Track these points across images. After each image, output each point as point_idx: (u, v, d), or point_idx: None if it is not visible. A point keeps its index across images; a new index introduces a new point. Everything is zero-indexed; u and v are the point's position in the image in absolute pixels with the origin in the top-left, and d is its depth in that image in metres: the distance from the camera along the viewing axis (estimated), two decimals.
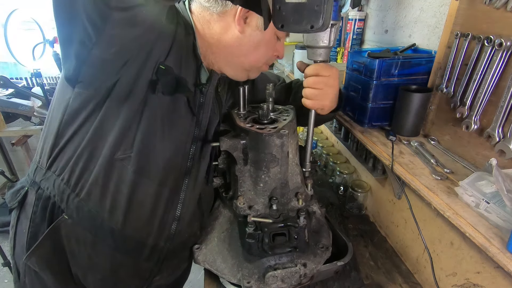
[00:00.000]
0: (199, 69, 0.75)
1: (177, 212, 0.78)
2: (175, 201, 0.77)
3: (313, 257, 0.83)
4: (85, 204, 0.70)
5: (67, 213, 0.71)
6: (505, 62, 0.68)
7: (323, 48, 0.72)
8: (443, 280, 0.84)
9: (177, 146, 0.74)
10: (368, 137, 0.97)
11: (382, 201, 1.14)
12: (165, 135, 0.71)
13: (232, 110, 0.90)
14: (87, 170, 0.69)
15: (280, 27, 0.52)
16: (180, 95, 0.71)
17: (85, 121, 0.67)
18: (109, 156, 0.67)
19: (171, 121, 0.71)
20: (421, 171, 0.78)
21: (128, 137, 0.67)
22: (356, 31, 1.42)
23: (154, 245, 0.77)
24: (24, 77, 2.33)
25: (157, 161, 0.71)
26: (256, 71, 0.84)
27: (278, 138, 0.75)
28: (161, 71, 0.65)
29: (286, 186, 0.81)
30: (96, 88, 0.64)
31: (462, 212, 0.65)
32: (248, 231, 0.77)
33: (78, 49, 0.57)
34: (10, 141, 2.29)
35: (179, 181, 0.77)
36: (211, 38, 0.74)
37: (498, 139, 0.70)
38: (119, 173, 0.69)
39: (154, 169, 0.71)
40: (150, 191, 0.72)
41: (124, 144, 0.67)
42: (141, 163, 0.69)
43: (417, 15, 1.08)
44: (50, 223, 0.72)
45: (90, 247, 0.74)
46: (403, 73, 0.95)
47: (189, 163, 0.77)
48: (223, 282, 0.84)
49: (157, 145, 0.70)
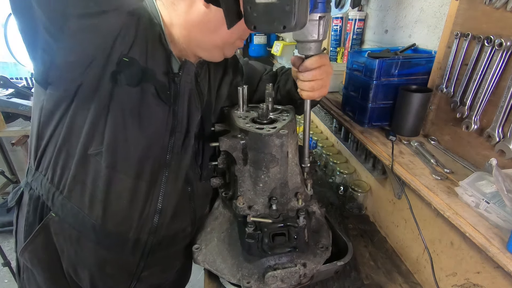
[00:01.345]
0: (169, 59, 0.73)
1: (159, 205, 0.77)
2: (155, 194, 0.76)
3: (313, 257, 0.83)
4: (68, 201, 0.72)
5: (54, 211, 0.74)
6: (505, 62, 0.68)
7: (313, 42, 0.69)
8: (443, 280, 0.84)
9: (152, 138, 0.73)
10: (368, 137, 0.97)
11: (382, 201, 1.14)
12: (136, 128, 0.70)
13: (232, 110, 0.90)
14: (66, 167, 0.71)
15: (253, 28, 0.51)
16: (148, 86, 0.69)
17: (60, 120, 0.68)
18: (83, 152, 0.68)
19: (141, 113, 0.70)
20: (421, 171, 0.78)
21: (98, 132, 0.68)
22: (356, 31, 1.42)
23: (136, 238, 0.78)
24: (24, 77, 2.33)
25: (130, 154, 0.71)
26: (230, 48, 0.80)
27: (278, 138, 0.75)
28: (124, 63, 0.65)
29: (285, 186, 0.81)
30: (65, 89, 0.65)
31: (462, 212, 0.65)
32: (248, 231, 0.77)
33: (42, 54, 0.57)
34: (10, 141, 2.29)
35: (157, 174, 0.76)
36: (177, 20, 0.72)
37: (498, 139, 0.70)
38: (94, 169, 0.70)
39: (128, 162, 0.71)
40: (126, 185, 0.72)
41: (95, 140, 0.68)
42: (113, 157, 0.69)
43: (417, 15, 1.08)
44: (41, 221, 0.75)
45: (76, 243, 0.76)
46: (403, 73, 0.95)
47: (168, 156, 0.76)
48: (223, 282, 0.84)
49: (129, 138, 0.70)
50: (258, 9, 0.44)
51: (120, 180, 0.71)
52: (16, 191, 0.84)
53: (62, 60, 0.58)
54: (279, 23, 0.44)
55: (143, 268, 0.83)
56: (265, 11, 0.44)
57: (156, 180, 0.76)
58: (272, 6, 0.43)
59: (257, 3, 0.44)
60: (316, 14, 0.63)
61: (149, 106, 0.71)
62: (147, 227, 0.78)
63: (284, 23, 0.44)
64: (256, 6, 0.44)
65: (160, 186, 0.77)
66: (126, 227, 0.76)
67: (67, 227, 0.74)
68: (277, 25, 0.45)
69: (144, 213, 0.76)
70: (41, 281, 0.82)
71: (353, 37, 1.43)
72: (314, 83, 0.76)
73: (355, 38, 1.43)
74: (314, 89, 0.76)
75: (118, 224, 0.75)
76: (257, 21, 0.46)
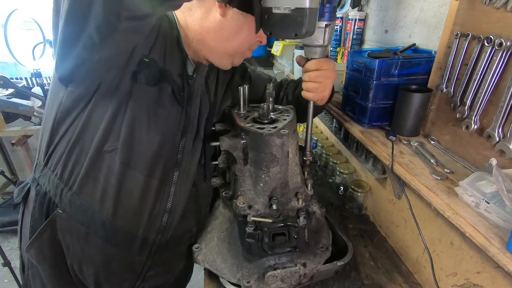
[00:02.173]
0: (185, 62, 0.77)
1: (168, 205, 0.78)
2: (165, 193, 0.78)
3: (313, 257, 0.83)
4: (78, 197, 0.73)
5: (61, 207, 0.74)
6: (505, 62, 0.68)
7: (319, 47, 0.75)
8: (443, 280, 0.84)
9: (165, 137, 0.74)
10: (368, 137, 0.97)
11: (382, 201, 1.14)
12: (151, 126, 0.72)
13: (232, 109, 0.90)
14: (78, 163, 0.71)
15: (269, 34, 0.60)
16: (166, 86, 0.72)
17: (76, 117, 0.70)
18: (98, 149, 0.70)
19: (157, 112, 0.72)
20: (421, 171, 0.78)
21: (115, 129, 0.69)
22: (356, 31, 1.42)
23: (145, 237, 0.78)
24: (24, 77, 2.33)
25: (144, 152, 0.72)
26: (239, 57, 0.84)
27: (278, 138, 0.75)
28: (144, 63, 0.67)
29: (286, 186, 0.81)
30: (87, 87, 0.67)
31: (462, 212, 0.65)
32: (248, 231, 0.77)
33: (80, 52, 0.57)
34: (10, 141, 2.29)
35: (168, 173, 0.77)
36: (193, 25, 0.75)
37: (498, 139, 0.70)
38: (108, 165, 0.71)
39: (141, 160, 0.72)
40: (138, 182, 0.73)
41: (111, 136, 0.70)
42: (128, 153, 0.71)
43: (417, 15, 1.08)
44: (47, 218, 0.75)
45: (83, 240, 0.76)
46: (403, 73, 0.95)
47: (179, 156, 0.78)
48: (223, 282, 0.84)
49: (143, 136, 0.71)
50: (275, 18, 0.52)
51: (133, 177, 0.72)
52: (22, 187, 0.84)
53: (97, 60, 0.59)
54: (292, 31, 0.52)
55: (149, 268, 0.83)
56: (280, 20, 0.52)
57: (167, 179, 0.77)
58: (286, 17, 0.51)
59: (274, 13, 0.51)
60: (323, 22, 0.68)
61: (165, 106, 0.73)
62: (156, 225, 0.78)
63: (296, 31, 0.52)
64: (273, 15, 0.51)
65: (170, 185, 0.78)
66: (136, 224, 0.76)
67: (74, 224, 0.75)
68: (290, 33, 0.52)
69: (154, 212, 0.77)
70: (45, 278, 0.82)
71: (353, 37, 1.43)
72: (314, 84, 0.80)
73: (355, 38, 1.43)
74: (310, 90, 0.81)
75: (128, 222, 0.75)
76: (273, 28, 0.54)
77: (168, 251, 0.85)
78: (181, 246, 0.89)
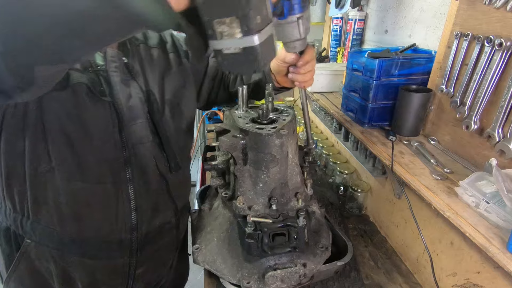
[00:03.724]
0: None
1: (132, 203, 0.75)
2: (124, 193, 0.74)
3: (312, 257, 0.83)
4: (38, 224, 0.71)
5: (27, 237, 0.73)
6: (505, 62, 0.68)
7: (297, 40, 0.71)
8: (443, 280, 0.84)
9: (102, 137, 0.69)
10: (368, 137, 0.97)
11: (382, 201, 1.14)
12: (81, 132, 0.67)
13: (231, 110, 0.90)
14: (21, 192, 0.69)
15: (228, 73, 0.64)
16: (79, 86, 0.65)
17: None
18: (34, 172, 0.66)
19: (81, 115, 0.66)
20: (421, 171, 0.78)
21: (40, 149, 0.65)
22: (356, 31, 1.42)
23: (119, 240, 0.76)
24: None
25: (85, 161, 0.68)
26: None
27: (278, 138, 0.75)
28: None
29: (285, 186, 0.81)
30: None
31: (462, 212, 0.65)
32: (248, 231, 0.77)
33: None
34: None
35: (119, 173, 0.72)
36: None
37: (498, 139, 0.70)
38: (51, 186, 0.68)
39: (84, 169, 0.68)
40: (91, 191, 0.70)
41: (42, 159, 0.65)
42: (66, 168, 0.67)
43: (417, 15, 1.08)
44: (18, 250, 0.74)
45: (61, 261, 0.75)
46: (403, 73, 0.95)
47: (125, 152, 0.72)
48: (223, 282, 0.84)
49: (76, 145, 0.66)
50: (228, 59, 0.49)
51: (82, 189, 0.69)
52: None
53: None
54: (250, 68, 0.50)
55: (136, 266, 0.82)
56: (234, 60, 0.49)
57: (120, 180, 0.73)
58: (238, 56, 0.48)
59: (225, 53, 0.48)
60: (294, 16, 0.64)
61: (87, 106, 0.66)
62: (127, 226, 0.76)
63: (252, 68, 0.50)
64: (225, 56, 0.48)
65: (126, 184, 0.74)
66: (105, 232, 0.74)
67: (46, 249, 0.73)
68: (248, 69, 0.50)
69: (119, 214, 0.74)
70: None
71: (353, 37, 1.43)
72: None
73: (355, 38, 1.43)
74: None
75: (96, 231, 0.74)
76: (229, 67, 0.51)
77: (151, 245, 0.83)
78: (163, 238, 0.87)
